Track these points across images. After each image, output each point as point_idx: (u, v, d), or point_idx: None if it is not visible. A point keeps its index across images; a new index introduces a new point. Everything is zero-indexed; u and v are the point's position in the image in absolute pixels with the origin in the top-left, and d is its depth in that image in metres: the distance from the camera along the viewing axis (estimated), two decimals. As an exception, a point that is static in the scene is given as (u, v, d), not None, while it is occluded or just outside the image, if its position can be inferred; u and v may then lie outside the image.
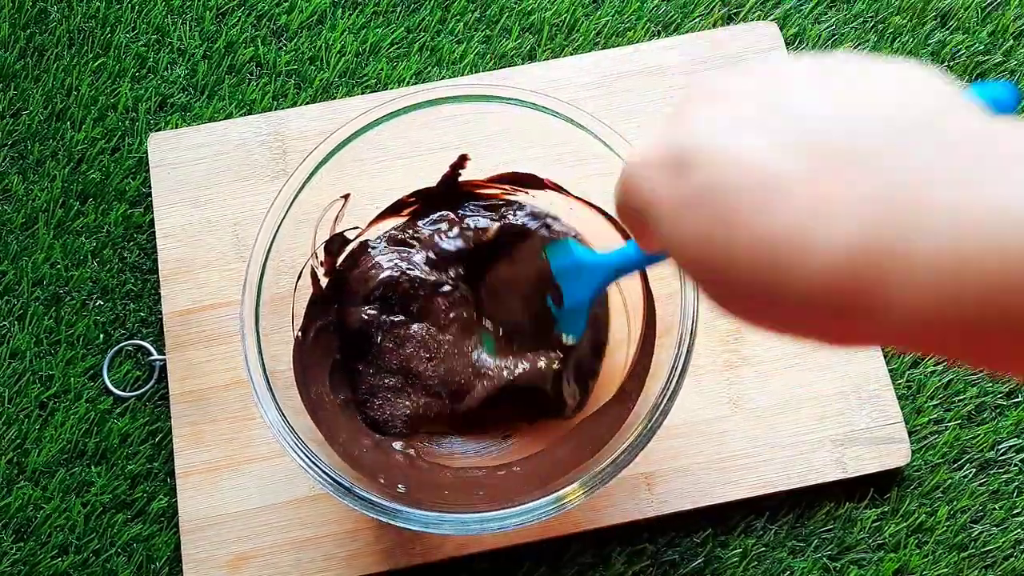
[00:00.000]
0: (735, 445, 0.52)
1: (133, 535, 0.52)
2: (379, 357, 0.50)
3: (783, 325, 0.24)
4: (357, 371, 0.50)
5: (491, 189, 0.52)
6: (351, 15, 0.61)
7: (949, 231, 0.20)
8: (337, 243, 0.51)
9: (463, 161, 0.51)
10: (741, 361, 0.53)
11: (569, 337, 0.48)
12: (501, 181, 0.52)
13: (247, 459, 0.52)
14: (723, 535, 0.52)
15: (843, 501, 0.53)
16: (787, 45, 0.59)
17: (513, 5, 0.61)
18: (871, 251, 0.21)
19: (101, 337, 0.55)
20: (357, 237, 0.52)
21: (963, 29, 0.61)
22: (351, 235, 0.51)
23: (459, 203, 0.53)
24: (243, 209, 0.56)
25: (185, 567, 0.50)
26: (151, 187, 0.56)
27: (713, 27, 0.61)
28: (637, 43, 0.60)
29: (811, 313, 0.23)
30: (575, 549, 0.52)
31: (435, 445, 0.51)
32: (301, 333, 0.49)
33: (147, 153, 0.57)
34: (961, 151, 0.21)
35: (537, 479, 0.46)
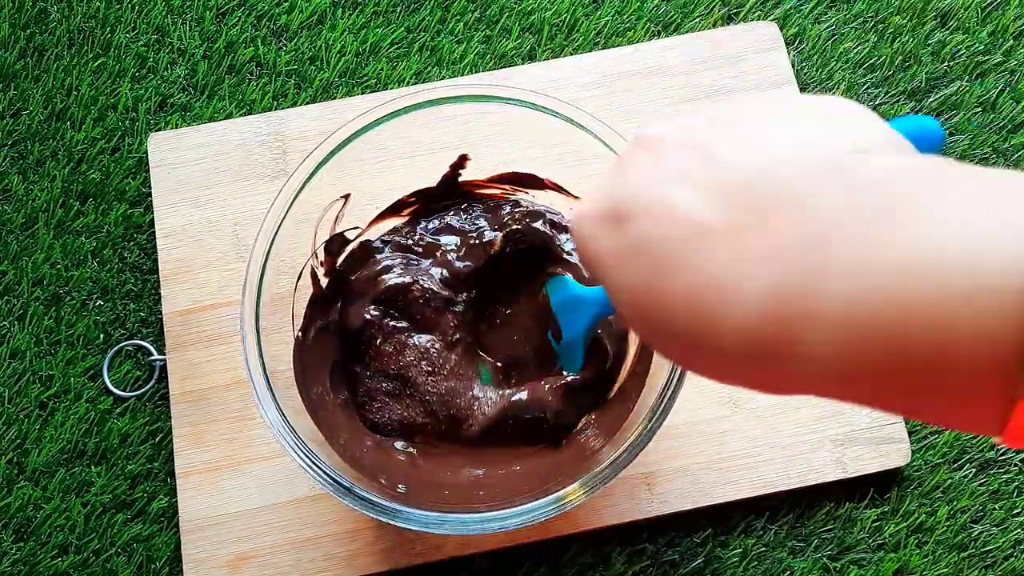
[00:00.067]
0: (735, 445, 0.52)
1: (133, 535, 0.52)
2: (378, 359, 0.50)
3: (715, 372, 0.25)
4: (356, 372, 0.50)
5: (491, 189, 0.52)
6: (351, 15, 0.61)
7: (848, 287, 0.20)
8: (337, 243, 0.51)
9: (463, 161, 0.51)
10: (741, 361, 0.53)
11: (568, 372, 0.49)
12: (501, 181, 0.52)
13: (247, 459, 0.52)
14: (723, 535, 0.52)
15: (843, 501, 0.53)
16: (787, 45, 0.59)
17: (513, 5, 0.61)
18: (781, 305, 0.22)
19: (101, 337, 0.55)
20: (357, 237, 0.52)
21: (963, 29, 0.61)
22: (351, 235, 0.51)
23: (459, 204, 0.53)
24: (243, 209, 0.56)
25: (185, 567, 0.50)
26: (151, 187, 0.56)
27: (713, 27, 0.61)
28: (637, 43, 0.60)
29: (735, 362, 0.24)
30: (575, 549, 0.52)
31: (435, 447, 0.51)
32: (301, 333, 0.49)
33: (147, 153, 0.57)
34: (865, 199, 0.21)
35: (537, 479, 0.46)
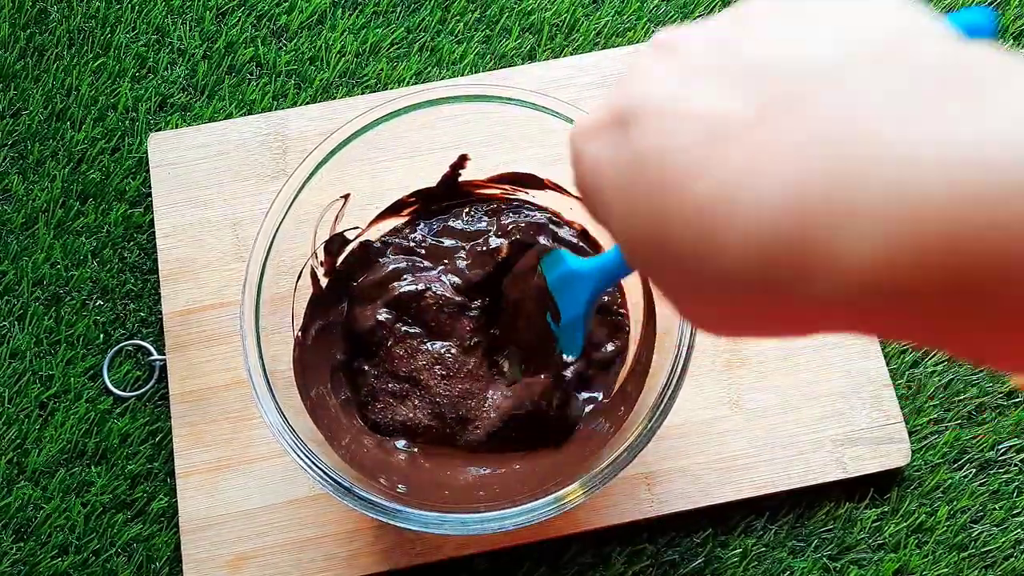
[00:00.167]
0: (735, 445, 0.52)
1: (133, 535, 0.52)
2: (388, 361, 0.50)
3: (719, 311, 0.22)
4: (361, 372, 0.50)
5: (491, 189, 0.52)
6: (351, 15, 0.61)
7: (907, 172, 0.17)
8: (337, 243, 0.51)
9: (463, 161, 0.51)
10: (741, 361, 0.53)
11: (569, 355, 0.47)
12: (501, 181, 0.52)
13: (247, 459, 0.52)
14: (723, 535, 0.52)
15: (843, 501, 0.53)
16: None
17: (513, 5, 0.61)
18: (808, 202, 0.18)
19: (101, 337, 0.55)
20: (357, 237, 0.52)
21: (963, 29, 0.61)
22: (351, 235, 0.51)
23: (459, 204, 0.53)
24: (243, 209, 0.56)
25: (185, 567, 0.50)
26: (151, 187, 0.56)
27: (713, 27, 0.61)
28: (637, 43, 0.60)
29: (744, 293, 0.20)
30: (575, 549, 0.52)
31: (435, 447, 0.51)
32: (301, 333, 0.49)
33: (147, 153, 0.57)
34: (928, 78, 0.18)
35: (537, 479, 0.46)
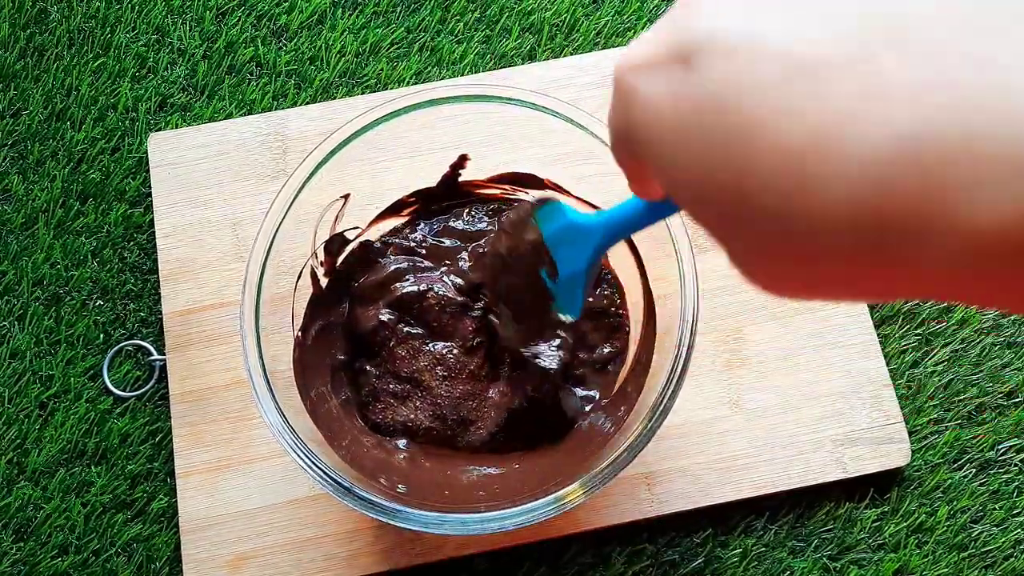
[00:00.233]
0: (735, 445, 0.52)
1: (133, 535, 0.52)
2: (390, 361, 0.49)
3: (802, 270, 0.20)
4: (363, 372, 0.50)
5: (491, 189, 0.52)
6: (351, 15, 0.61)
7: None
8: (337, 243, 0.51)
9: (463, 161, 0.51)
10: (741, 361, 0.53)
11: (567, 315, 0.43)
12: (501, 181, 0.52)
13: (247, 459, 0.52)
14: (723, 535, 0.52)
15: (843, 501, 0.53)
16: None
17: (513, 5, 0.61)
18: (927, 153, 0.16)
19: (101, 337, 0.55)
20: (357, 237, 0.52)
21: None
22: (351, 235, 0.51)
23: (459, 204, 0.53)
24: (243, 209, 0.56)
25: (185, 567, 0.50)
26: (151, 187, 0.56)
27: (713, 27, 0.61)
28: (637, 43, 0.60)
29: (840, 250, 0.18)
30: (575, 549, 0.52)
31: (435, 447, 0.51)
32: (301, 333, 0.49)
33: (147, 153, 0.57)
34: None
35: (537, 479, 0.46)
